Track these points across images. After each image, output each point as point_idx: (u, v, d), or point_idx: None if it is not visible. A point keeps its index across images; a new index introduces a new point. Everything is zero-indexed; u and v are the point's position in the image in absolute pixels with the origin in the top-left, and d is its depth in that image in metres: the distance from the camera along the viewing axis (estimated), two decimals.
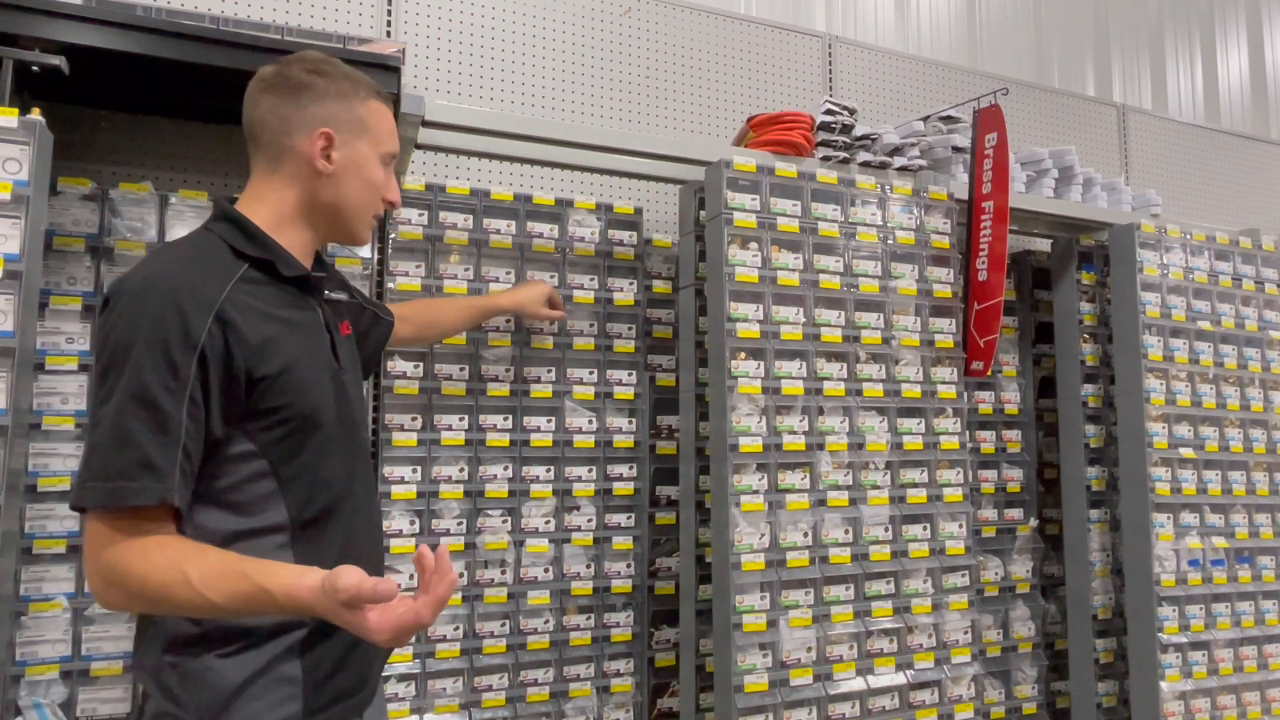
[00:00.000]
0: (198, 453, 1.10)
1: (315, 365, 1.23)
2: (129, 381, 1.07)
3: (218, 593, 1.03)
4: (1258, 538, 2.81)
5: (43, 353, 1.89)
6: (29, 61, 1.71)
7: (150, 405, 1.06)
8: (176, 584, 1.03)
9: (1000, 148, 2.43)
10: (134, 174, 2.21)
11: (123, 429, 1.06)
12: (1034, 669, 2.76)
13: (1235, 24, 5.15)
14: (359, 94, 1.30)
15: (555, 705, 2.23)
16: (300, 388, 1.19)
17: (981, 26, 4.23)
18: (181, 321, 1.08)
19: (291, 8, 2.42)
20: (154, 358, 1.07)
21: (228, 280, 1.15)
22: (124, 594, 1.06)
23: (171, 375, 1.07)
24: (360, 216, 1.32)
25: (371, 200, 1.32)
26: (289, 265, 1.24)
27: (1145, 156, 3.88)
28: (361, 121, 1.30)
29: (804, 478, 2.20)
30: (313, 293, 1.30)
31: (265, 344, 1.15)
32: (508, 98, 2.69)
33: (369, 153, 1.30)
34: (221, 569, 1.05)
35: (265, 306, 1.18)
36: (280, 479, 1.17)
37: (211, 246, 1.21)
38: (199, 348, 1.09)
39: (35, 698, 1.82)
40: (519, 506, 2.25)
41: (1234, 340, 2.87)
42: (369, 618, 0.99)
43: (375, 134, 1.31)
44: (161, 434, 1.06)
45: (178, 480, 1.07)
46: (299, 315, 1.25)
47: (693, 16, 2.98)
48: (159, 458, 1.06)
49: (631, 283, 2.44)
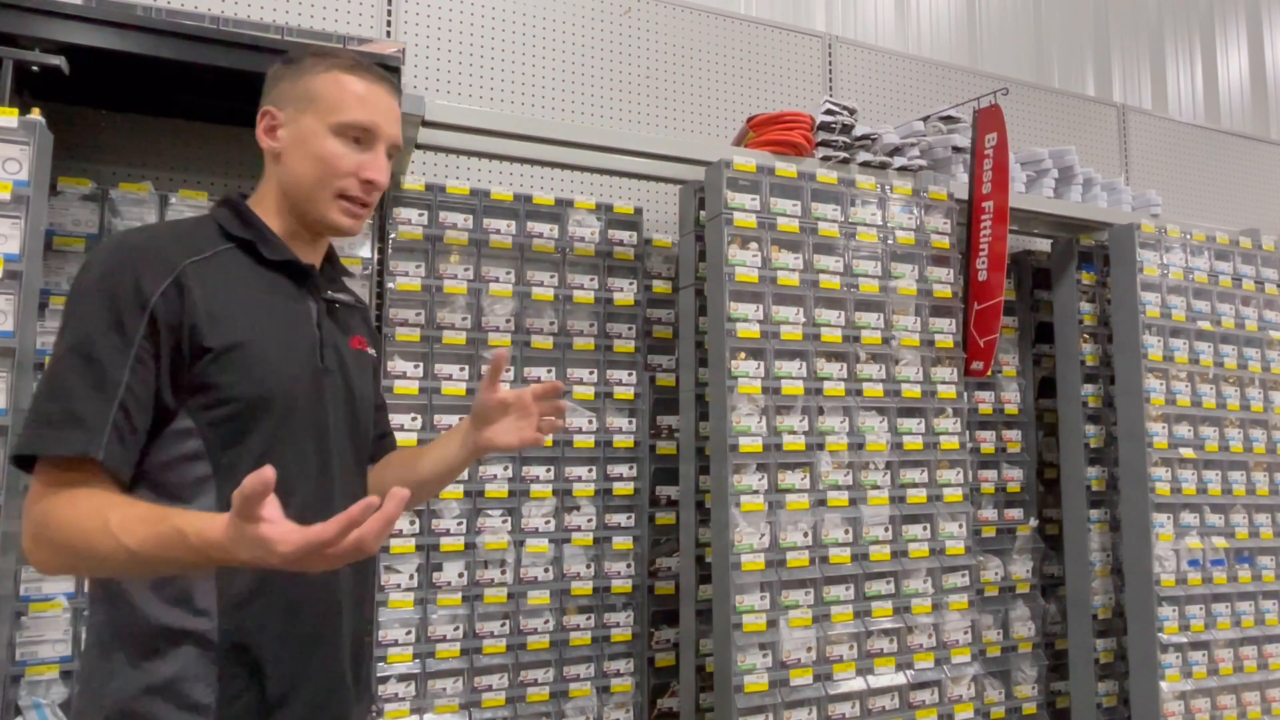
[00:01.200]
0: (143, 417, 1.05)
1: (281, 352, 1.15)
2: (71, 334, 1.04)
3: (132, 536, 0.96)
4: (1258, 538, 2.81)
5: (43, 353, 1.88)
6: (29, 61, 1.71)
7: (88, 359, 1.03)
8: (96, 530, 0.97)
9: (1000, 148, 2.43)
10: (134, 174, 2.21)
11: (56, 379, 1.03)
12: (1034, 669, 2.76)
13: (1235, 24, 5.15)
14: (317, 69, 1.21)
15: (555, 705, 2.23)
16: (250, 369, 1.10)
17: (981, 26, 4.23)
18: (135, 280, 1.05)
19: (291, 8, 2.42)
20: (101, 313, 1.04)
21: (201, 251, 1.12)
22: (50, 548, 1.01)
23: (116, 332, 1.04)
24: (317, 196, 1.20)
25: (324, 176, 1.19)
26: (274, 249, 1.19)
27: (1145, 156, 3.88)
28: (308, 94, 1.20)
29: (804, 478, 2.20)
30: (307, 285, 1.23)
31: (220, 316, 1.09)
32: (508, 98, 2.69)
33: (314, 125, 1.19)
34: (143, 515, 0.98)
35: (235, 284, 1.13)
36: (216, 465, 1.08)
37: (200, 225, 1.19)
38: (149, 308, 1.05)
39: (35, 698, 1.82)
40: (519, 506, 2.25)
41: (1234, 340, 2.87)
42: (266, 529, 0.88)
43: (323, 104, 1.19)
44: (96, 389, 1.02)
45: (108, 437, 1.02)
46: (279, 301, 1.18)
47: (693, 16, 2.98)
48: (89, 411, 1.02)
49: (631, 283, 2.44)
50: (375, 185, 1.22)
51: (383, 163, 1.23)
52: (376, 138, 1.22)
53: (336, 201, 1.21)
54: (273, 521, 0.89)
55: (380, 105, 1.23)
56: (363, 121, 1.20)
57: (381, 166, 1.23)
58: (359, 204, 1.22)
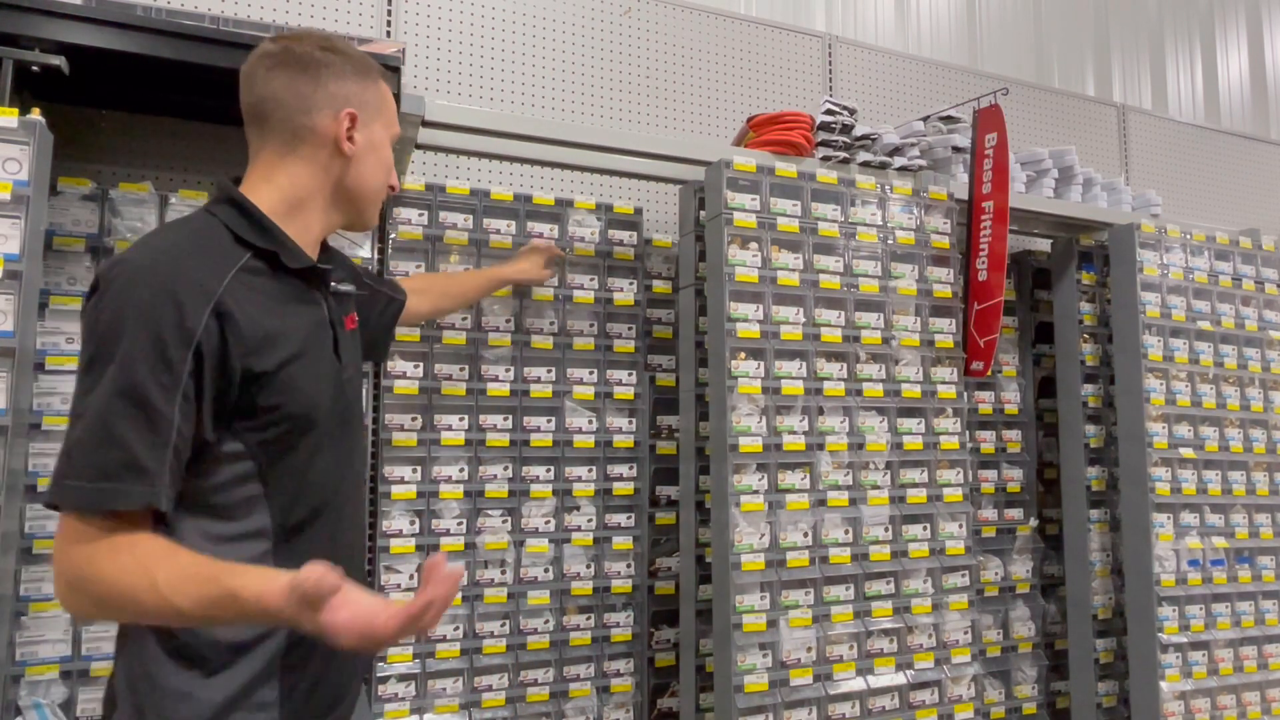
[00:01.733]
0: (186, 453, 1.03)
1: (315, 363, 1.16)
2: (118, 375, 0.98)
3: (184, 597, 0.95)
4: (1258, 538, 2.81)
5: (43, 353, 1.89)
6: (29, 61, 1.71)
7: (140, 402, 0.98)
8: (142, 589, 0.96)
9: (1000, 148, 2.43)
10: (134, 174, 2.21)
11: (109, 426, 0.98)
12: (1034, 669, 2.76)
13: (1235, 24, 5.14)
14: (371, 73, 1.25)
15: (555, 705, 2.23)
16: (296, 387, 1.11)
17: (981, 26, 4.23)
18: (177, 312, 1.00)
19: (291, 8, 2.42)
20: (146, 350, 0.99)
21: (228, 269, 1.08)
22: (89, 600, 0.99)
23: (165, 370, 0.99)
24: (375, 200, 1.28)
25: (384, 182, 1.28)
26: (294, 256, 1.16)
27: (1145, 156, 3.88)
28: (378, 102, 1.26)
29: (804, 478, 2.20)
30: (318, 285, 1.22)
31: (264, 340, 1.07)
32: (508, 98, 2.69)
33: (383, 134, 1.27)
34: (191, 573, 0.97)
35: (266, 300, 1.11)
36: (266, 482, 1.10)
37: (212, 231, 1.12)
38: (195, 342, 1.01)
39: (35, 698, 1.82)
40: (519, 506, 2.25)
41: (1234, 340, 2.87)
42: (332, 617, 0.92)
43: (387, 116, 1.28)
44: (151, 433, 0.99)
45: (165, 483, 1.00)
46: (302, 310, 1.17)
47: (693, 16, 2.98)
48: (147, 459, 0.98)
49: (631, 283, 2.44)
50: (395, 191, 1.34)
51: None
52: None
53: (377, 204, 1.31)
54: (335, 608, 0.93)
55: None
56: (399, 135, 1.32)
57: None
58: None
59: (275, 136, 1.18)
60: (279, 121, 1.17)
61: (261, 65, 1.18)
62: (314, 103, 1.17)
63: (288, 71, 1.17)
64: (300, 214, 1.19)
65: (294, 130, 1.17)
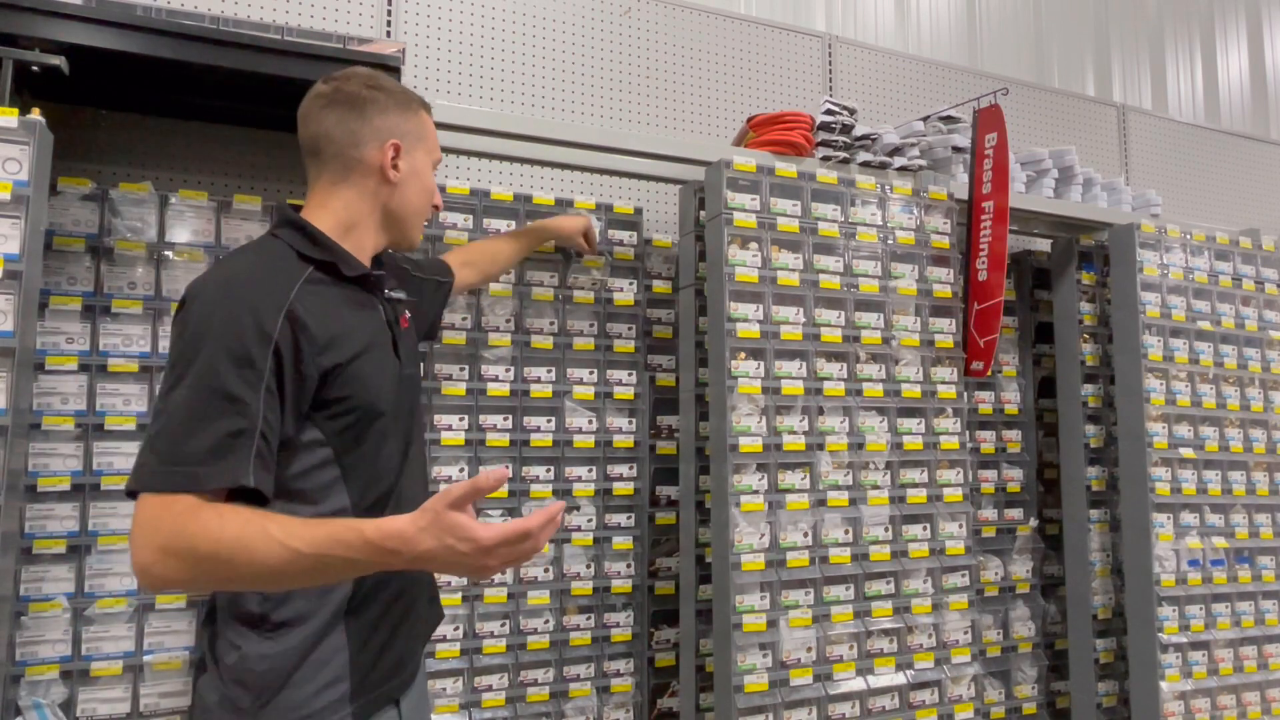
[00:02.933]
0: (275, 439, 1.14)
1: (378, 358, 1.29)
2: (203, 372, 1.09)
3: (300, 539, 1.03)
4: (1258, 538, 2.81)
5: (43, 353, 1.89)
6: (29, 61, 1.71)
7: (224, 394, 1.09)
8: (256, 536, 1.03)
9: (1000, 148, 2.43)
10: (134, 174, 2.21)
11: (194, 416, 1.08)
12: (1034, 669, 2.76)
13: (1235, 24, 5.14)
14: (412, 106, 1.39)
15: (555, 705, 2.23)
16: (364, 379, 1.24)
17: (981, 26, 4.23)
18: (255, 318, 1.13)
19: (291, 8, 2.42)
20: (229, 352, 1.10)
21: (295, 281, 1.21)
22: (190, 558, 1.03)
23: (248, 366, 1.11)
24: (418, 221, 1.42)
25: (426, 205, 1.42)
26: (350, 265, 1.30)
27: (1145, 156, 3.88)
28: (420, 132, 1.39)
29: (804, 478, 2.20)
30: (374, 291, 1.36)
31: (332, 339, 1.20)
32: (508, 98, 2.69)
33: (425, 160, 1.40)
34: (303, 522, 1.07)
35: (331, 305, 1.24)
36: (343, 467, 1.23)
37: (279, 251, 1.26)
38: (273, 342, 1.13)
39: (35, 698, 1.82)
40: (519, 506, 2.24)
41: (1234, 340, 2.87)
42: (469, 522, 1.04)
43: (429, 143, 1.42)
44: (238, 419, 1.09)
45: (253, 464, 1.09)
46: (362, 313, 1.31)
47: (693, 16, 2.98)
48: (232, 442, 1.08)
49: (631, 283, 2.44)
50: (440, 209, 1.51)
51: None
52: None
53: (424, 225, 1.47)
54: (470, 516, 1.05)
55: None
56: (441, 159, 1.46)
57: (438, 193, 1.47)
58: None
59: (329, 168, 1.34)
60: (332, 155, 1.33)
61: (315, 105, 1.34)
62: (362, 137, 1.33)
63: (338, 110, 1.33)
64: (354, 234, 1.34)
65: (345, 162, 1.33)
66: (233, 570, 1.05)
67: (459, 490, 1.03)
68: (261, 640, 1.19)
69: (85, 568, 1.89)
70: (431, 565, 1.07)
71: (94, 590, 1.89)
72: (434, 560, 1.05)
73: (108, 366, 1.94)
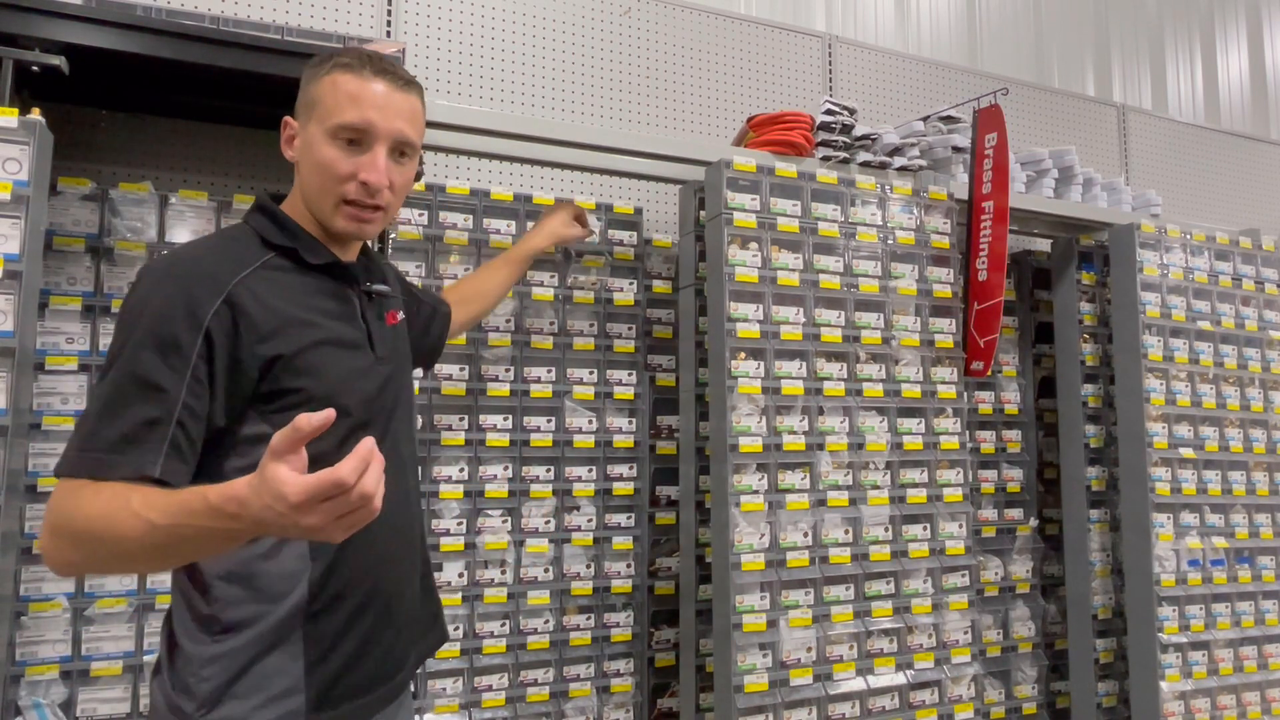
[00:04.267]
0: (199, 430, 1.07)
1: (342, 353, 1.19)
2: (128, 357, 1.05)
3: (154, 510, 0.95)
4: (1258, 538, 2.81)
5: (43, 353, 1.89)
6: (29, 61, 1.71)
7: (143, 382, 1.04)
8: (119, 509, 0.97)
9: (1000, 148, 2.43)
10: (134, 174, 2.21)
11: (113, 402, 1.04)
12: (1034, 669, 2.76)
13: (1235, 24, 5.14)
14: (319, 72, 1.20)
15: (555, 705, 2.23)
16: (319, 371, 1.15)
17: (981, 26, 4.23)
18: (188, 301, 1.07)
19: (291, 8, 2.42)
20: (156, 335, 1.05)
21: (247, 266, 1.13)
22: (70, 539, 1.00)
23: (174, 353, 1.05)
24: (323, 204, 1.20)
25: (325, 184, 1.18)
26: (315, 253, 1.21)
27: (1145, 156, 3.88)
28: (310, 101, 1.20)
29: (804, 478, 2.20)
30: (348, 282, 1.25)
31: (279, 327, 1.12)
32: (508, 98, 2.69)
33: (316, 132, 1.18)
34: (164, 492, 0.98)
35: (289, 291, 1.16)
36: None
37: (241, 236, 1.20)
38: (204, 327, 1.06)
39: (35, 698, 1.82)
40: (519, 506, 2.25)
41: (1234, 340, 2.87)
42: (281, 471, 0.85)
43: (321, 109, 1.18)
44: (155, 408, 1.03)
45: (164, 454, 1.03)
46: (328, 303, 1.21)
47: (693, 16, 2.98)
48: (144, 432, 1.03)
49: (631, 283, 2.44)
50: (372, 186, 1.18)
51: (381, 162, 1.18)
52: (373, 136, 1.17)
53: (340, 209, 1.19)
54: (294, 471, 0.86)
55: (375, 101, 1.17)
56: (354, 121, 1.16)
57: (379, 166, 1.17)
58: (365, 208, 1.19)
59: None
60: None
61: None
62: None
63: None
64: (306, 221, 1.24)
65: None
66: (105, 548, 0.99)
67: (278, 437, 0.86)
68: (209, 643, 1.11)
69: None
70: (268, 529, 0.92)
71: (94, 590, 1.89)
72: (265, 524, 0.89)
73: None
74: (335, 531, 0.90)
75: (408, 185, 1.25)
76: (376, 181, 1.17)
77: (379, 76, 1.19)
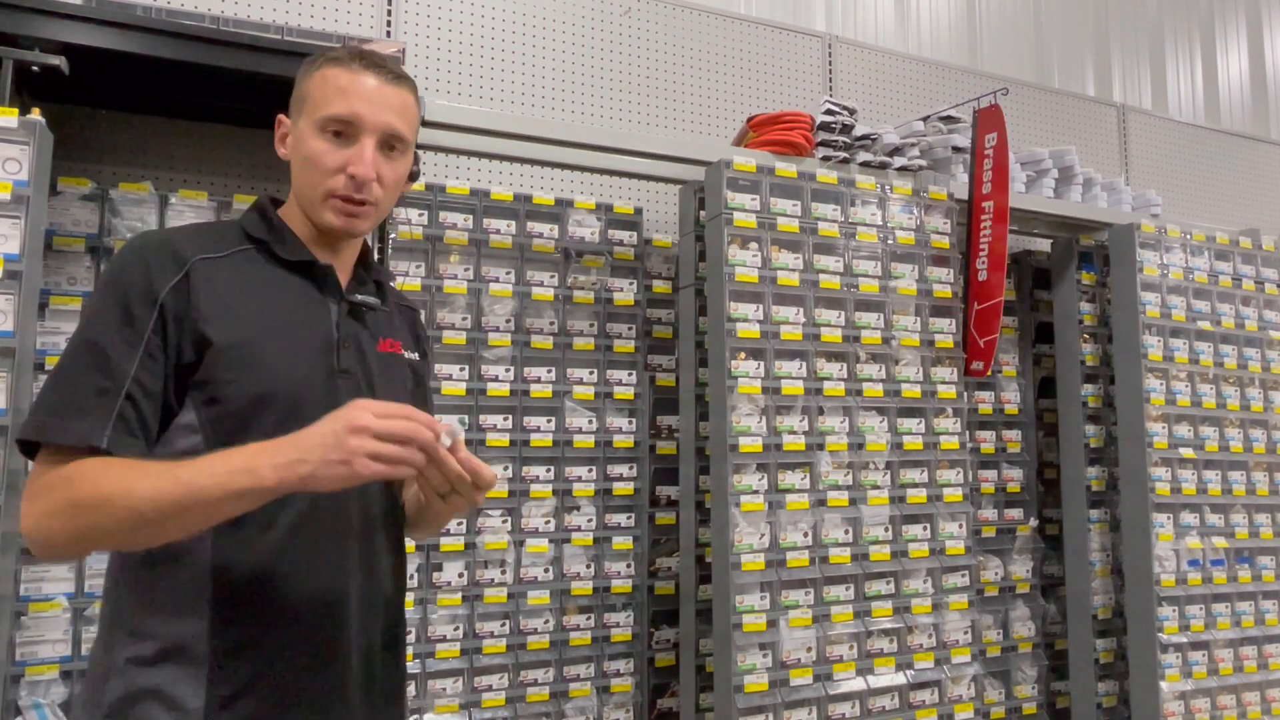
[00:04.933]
0: (153, 405, 1.05)
1: (288, 351, 1.12)
2: (85, 328, 1.06)
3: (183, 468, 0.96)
4: (1258, 538, 2.81)
5: (43, 353, 1.89)
6: (29, 61, 1.71)
7: (96, 349, 1.04)
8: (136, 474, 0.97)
9: (1000, 148, 2.43)
10: (134, 174, 2.21)
11: (65, 371, 1.04)
12: (1034, 669, 2.76)
13: (1235, 24, 5.15)
14: (310, 69, 1.18)
15: (555, 705, 2.23)
16: (252, 366, 1.08)
17: (981, 26, 4.23)
18: (146, 274, 1.07)
19: (291, 8, 2.42)
20: (112, 307, 1.05)
21: (215, 250, 1.13)
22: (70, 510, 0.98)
23: (126, 323, 1.04)
24: (312, 199, 1.17)
25: (312, 178, 1.15)
26: (290, 249, 1.17)
27: (1145, 156, 3.88)
28: (300, 96, 1.19)
29: (804, 478, 2.20)
30: (326, 288, 1.19)
31: (225, 312, 1.08)
32: (508, 98, 2.69)
33: (305, 127, 1.16)
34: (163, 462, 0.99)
35: (250, 283, 1.13)
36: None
37: (225, 227, 1.20)
38: (158, 301, 1.06)
39: (35, 698, 1.82)
40: (519, 506, 2.24)
41: (1234, 340, 2.87)
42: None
43: (309, 103, 1.16)
44: (103, 378, 1.02)
45: (113, 426, 1.01)
46: (293, 301, 1.15)
47: (693, 16, 2.98)
48: (94, 402, 1.02)
49: (631, 283, 2.44)
50: (360, 179, 1.14)
51: (368, 155, 1.15)
52: (359, 129, 1.15)
53: (328, 203, 1.16)
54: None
55: (364, 94, 1.15)
56: (340, 114, 1.14)
57: (365, 159, 1.14)
58: (352, 202, 1.16)
59: None
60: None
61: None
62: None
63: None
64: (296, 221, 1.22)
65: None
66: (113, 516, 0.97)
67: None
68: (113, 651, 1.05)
69: (85, 568, 1.89)
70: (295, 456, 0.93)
71: (94, 590, 1.89)
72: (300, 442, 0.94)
73: None
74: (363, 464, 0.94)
75: (399, 181, 1.22)
76: (363, 174, 1.14)
77: (368, 70, 1.17)
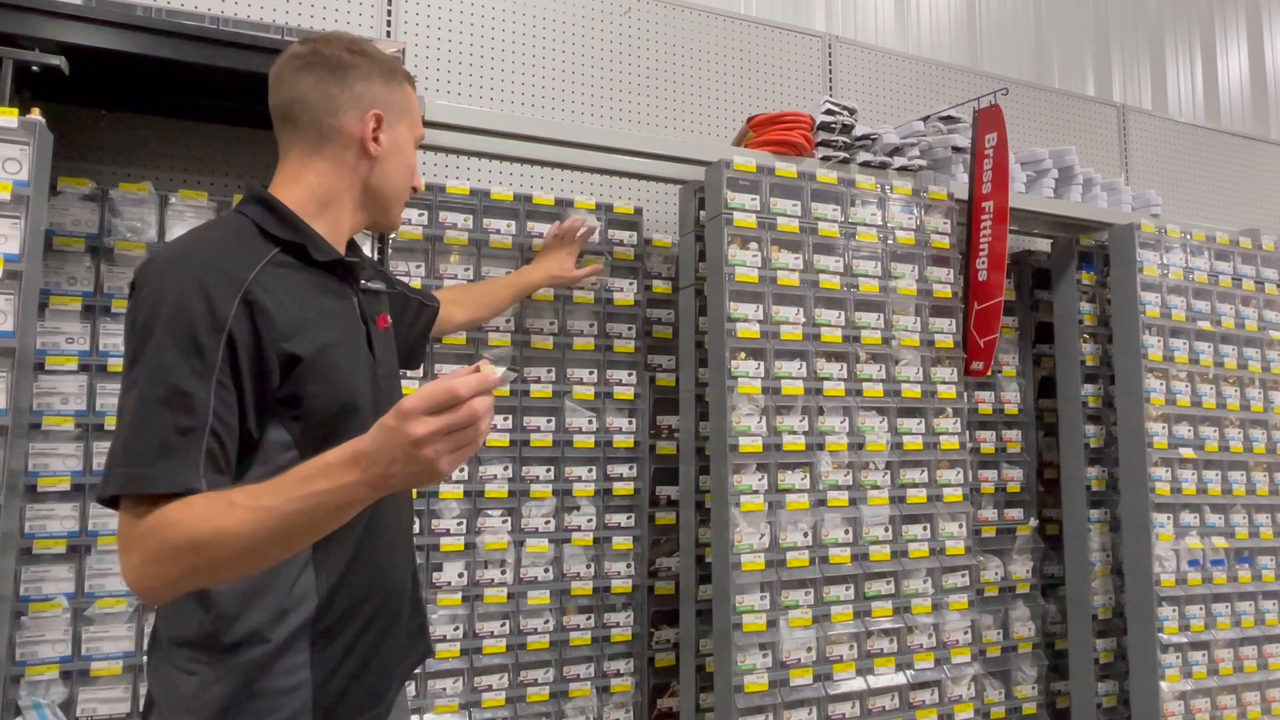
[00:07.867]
0: (232, 437, 1.04)
1: (351, 353, 1.17)
2: (152, 366, 1.01)
3: (266, 495, 0.94)
4: (1258, 538, 2.81)
5: (43, 353, 1.89)
6: (29, 61, 1.71)
7: (172, 388, 1.00)
8: (222, 510, 0.94)
9: (1000, 148, 2.43)
10: (134, 174, 2.21)
11: (144, 414, 0.99)
12: (1034, 669, 2.76)
13: (1235, 24, 5.15)
14: (396, 76, 1.28)
15: (555, 705, 2.23)
16: (335, 375, 1.12)
17: (981, 26, 4.23)
18: (207, 302, 1.02)
19: (291, 8, 2.42)
20: (178, 340, 1.01)
21: (257, 261, 1.09)
22: (169, 553, 0.96)
23: (197, 357, 1.01)
24: (399, 200, 1.31)
25: (408, 184, 1.31)
26: (321, 249, 1.17)
27: (1145, 156, 3.88)
28: (404, 104, 1.29)
29: (804, 478, 2.20)
30: (348, 280, 1.24)
31: (297, 327, 1.09)
32: (508, 98, 2.69)
33: (408, 135, 1.30)
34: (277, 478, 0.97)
35: (297, 290, 1.12)
36: None
37: (241, 228, 1.15)
38: (226, 329, 1.02)
39: (35, 698, 1.82)
40: (519, 506, 2.24)
41: (1234, 340, 2.87)
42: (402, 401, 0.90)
43: (413, 117, 1.31)
44: (186, 416, 0.99)
45: (203, 465, 0.99)
46: (333, 303, 1.18)
47: (693, 16, 2.98)
48: (181, 442, 0.99)
49: (631, 283, 2.44)
50: (420, 190, 1.39)
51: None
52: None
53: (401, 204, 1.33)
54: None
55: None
56: (421, 137, 1.35)
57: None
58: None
59: (303, 137, 1.21)
60: (306, 123, 1.20)
61: (290, 67, 1.21)
62: (341, 104, 1.20)
63: (315, 73, 1.20)
64: (328, 212, 1.22)
65: (321, 131, 1.21)
66: (212, 554, 0.96)
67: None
68: (211, 665, 1.06)
69: (85, 568, 1.89)
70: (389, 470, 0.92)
71: (94, 590, 1.89)
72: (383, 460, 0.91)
73: (108, 366, 1.94)
74: (445, 463, 0.91)
75: None
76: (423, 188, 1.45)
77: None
